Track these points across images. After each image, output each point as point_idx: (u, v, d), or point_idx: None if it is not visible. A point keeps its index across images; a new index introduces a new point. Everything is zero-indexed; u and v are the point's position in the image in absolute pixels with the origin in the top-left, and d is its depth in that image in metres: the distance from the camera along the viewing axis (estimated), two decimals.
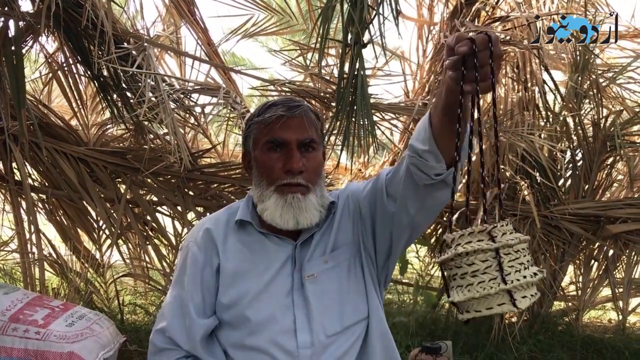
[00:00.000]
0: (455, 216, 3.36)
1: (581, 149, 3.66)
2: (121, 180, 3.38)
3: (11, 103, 2.89)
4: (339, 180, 4.04)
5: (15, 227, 3.28)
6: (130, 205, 3.37)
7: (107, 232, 3.43)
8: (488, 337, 3.39)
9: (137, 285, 4.12)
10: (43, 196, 3.40)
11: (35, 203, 3.36)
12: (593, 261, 3.76)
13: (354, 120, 2.47)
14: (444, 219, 3.43)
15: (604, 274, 3.64)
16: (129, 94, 3.12)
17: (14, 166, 3.18)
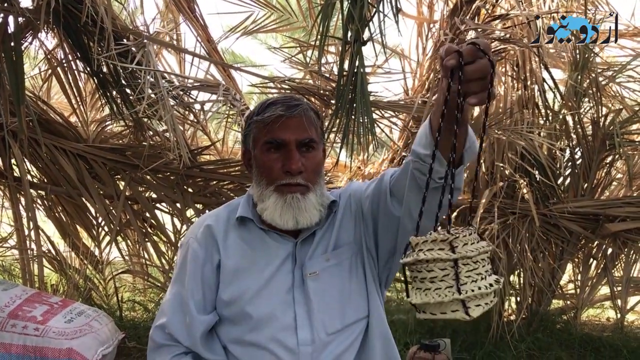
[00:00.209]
0: (455, 214, 3.37)
1: (580, 147, 3.66)
2: (120, 177, 3.38)
3: (10, 99, 2.88)
4: (338, 177, 4.04)
5: (14, 224, 3.29)
6: (130, 202, 3.37)
7: (106, 228, 3.43)
8: (487, 335, 3.39)
9: (136, 282, 4.12)
10: (42, 193, 3.40)
11: (34, 199, 3.36)
12: (592, 259, 3.77)
13: (353, 117, 2.47)
14: (443, 217, 3.43)
15: (602, 273, 3.65)
16: (128, 90, 3.11)
17: (13, 162, 3.18)
